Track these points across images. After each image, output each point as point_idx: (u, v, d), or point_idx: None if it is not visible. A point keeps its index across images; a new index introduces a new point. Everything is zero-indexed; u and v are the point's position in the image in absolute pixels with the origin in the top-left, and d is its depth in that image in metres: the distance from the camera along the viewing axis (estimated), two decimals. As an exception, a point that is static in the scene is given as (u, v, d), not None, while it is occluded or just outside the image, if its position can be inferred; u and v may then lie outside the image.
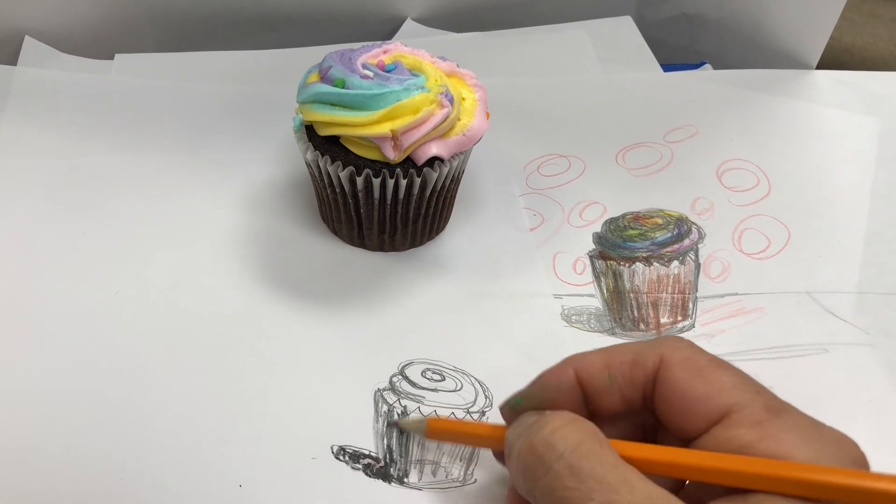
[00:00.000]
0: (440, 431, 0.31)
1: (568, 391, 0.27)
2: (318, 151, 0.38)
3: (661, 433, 0.28)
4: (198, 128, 0.48)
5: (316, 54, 0.43)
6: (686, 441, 0.26)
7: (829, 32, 0.52)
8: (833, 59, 0.54)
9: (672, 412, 0.26)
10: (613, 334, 0.38)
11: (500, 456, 0.29)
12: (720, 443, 0.24)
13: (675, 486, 0.26)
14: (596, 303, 0.40)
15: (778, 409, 0.25)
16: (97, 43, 0.54)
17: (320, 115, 0.36)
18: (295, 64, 0.45)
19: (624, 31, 0.59)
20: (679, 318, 0.39)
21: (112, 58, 0.53)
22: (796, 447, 0.23)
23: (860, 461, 0.24)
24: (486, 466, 0.33)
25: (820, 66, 0.54)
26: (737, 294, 0.40)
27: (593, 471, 0.23)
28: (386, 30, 0.58)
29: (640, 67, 0.55)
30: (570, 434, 0.25)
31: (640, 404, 0.27)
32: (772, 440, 0.24)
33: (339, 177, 0.38)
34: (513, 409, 0.28)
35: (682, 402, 0.26)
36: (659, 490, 0.23)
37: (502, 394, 0.35)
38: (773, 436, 0.24)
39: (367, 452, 0.33)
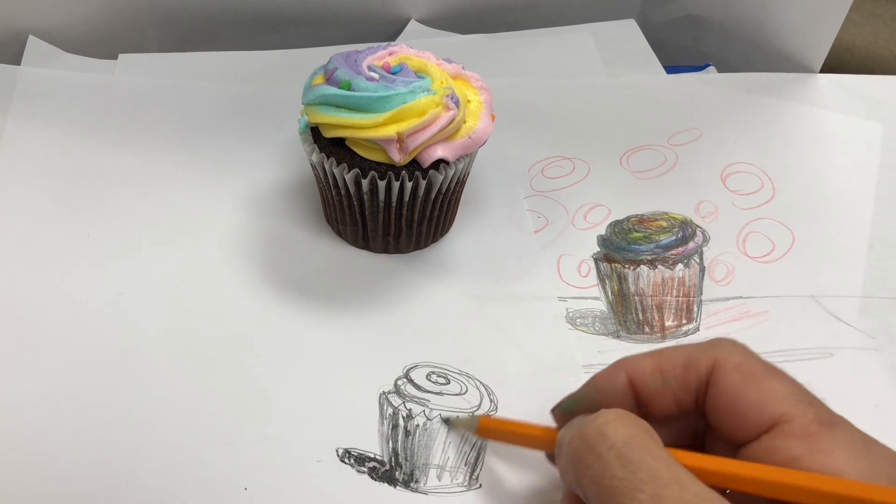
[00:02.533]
0: (491, 431, 0.31)
1: (620, 394, 0.27)
2: (323, 153, 0.38)
3: (710, 438, 0.28)
4: (202, 128, 0.48)
5: (320, 55, 0.43)
6: (735, 447, 0.26)
7: (833, 36, 0.52)
8: (833, 58, 0.54)
9: (723, 417, 0.26)
10: (618, 337, 0.38)
11: (551, 458, 0.29)
12: (769, 452, 0.24)
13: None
14: (600, 305, 0.40)
15: (830, 422, 0.24)
16: (101, 43, 0.53)
17: (326, 117, 0.36)
18: (300, 65, 0.45)
19: (628, 34, 0.59)
20: (684, 321, 0.39)
21: (116, 58, 0.53)
22: (847, 463, 0.23)
23: None
24: (491, 471, 0.33)
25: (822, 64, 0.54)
26: (741, 297, 0.40)
27: (645, 463, 0.23)
28: (390, 31, 0.58)
29: (643, 70, 0.55)
30: (623, 426, 0.24)
31: (692, 408, 0.27)
32: (822, 454, 0.23)
33: (344, 179, 0.38)
34: (564, 412, 0.28)
35: (734, 409, 0.25)
36: (711, 491, 0.22)
37: (507, 397, 0.35)
38: (824, 450, 0.23)
39: (372, 456, 0.33)
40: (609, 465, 0.23)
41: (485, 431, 0.32)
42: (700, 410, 0.27)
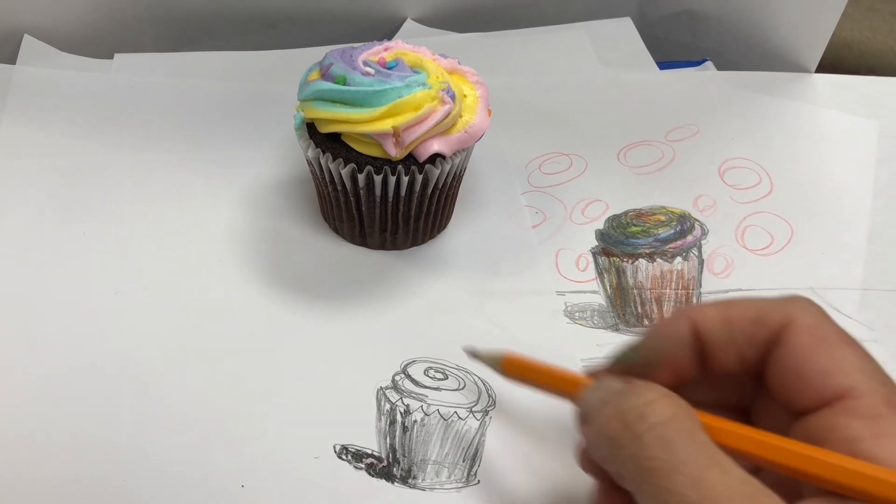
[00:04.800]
0: (516, 367, 0.29)
1: (685, 343, 0.25)
2: (319, 149, 0.37)
3: (761, 405, 0.26)
4: (198, 127, 0.48)
5: (316, 54, 0.42)
6: (790, 417, 0.24)
7: (830, 31, 0.52)
8: (832, 54, 0.53)
9: (785, 381, 0.24)
10: (617, 330, 0.38)
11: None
12: (828, 429, 0.22)
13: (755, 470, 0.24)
14: (599, 299, 0.39)
15: None
16: (96, 42, 0.53)
17: (321, 112, 0.36)
18: (295, 64, 0.45)
19: (623, 32, 0.58)
20: (683, 315, 0.39)
21: (111, 57, 0.52)
22: None
23: None
24: (490, 467, 0.32)
25: (819, 61, 0.54)
26: (741, 290, 0.40)
27: (686, 445, 0.22)
28: (386, 30, 0.58)
29: (638, 69, 0.55)
30: (664, 407, 0.23)
31: (756, 368, 0.25)
32: (887, 439, 0.21)
33: (340, 174, 0.37)
34: (624, 364, 0.26)
35: (799, 373, 0.23)
36: (752, 477, 0.21)
37: (505, 392, 0.35)
38: (890, 434, 0.21)
39: (369, 452, 0.33)
40: (648, 446, 0.22)
41: (509, 367, 0.29)
42: (760, 371, 0.25)
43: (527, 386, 0.30)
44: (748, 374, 0.25)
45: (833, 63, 0.54)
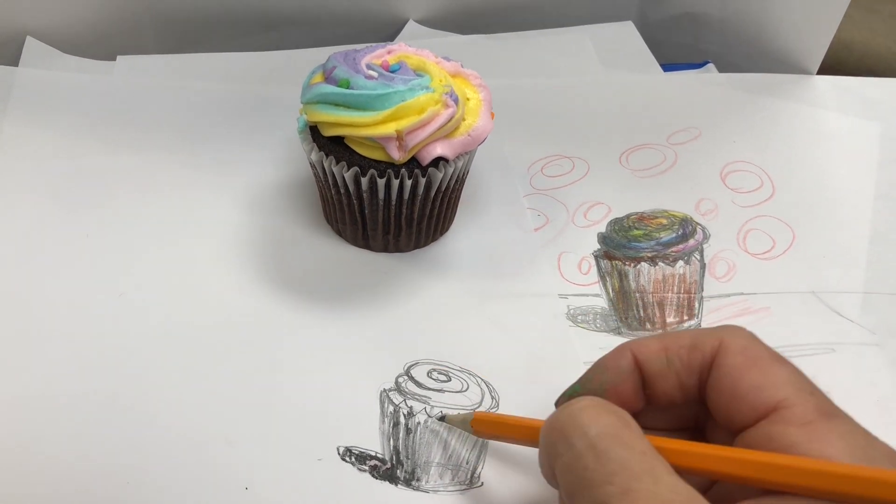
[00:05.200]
0: (486, 425, 0.31)
1: (627, 374, 0.27)
2: (322, 152, 0.37)
3: (710, 428, 0.27)
4: (201, 128, 0.48)
5: (319, 56, 0.42)
6: (733, 434, 0.25)
7: (832, 34, 0.52)
8: (831, 55, 0.53)
9: (723, 400, 0.25)
10: (619, 334, 0.38)
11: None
12: (766, 439, 0.24)
13: (705, 487, 0.26)
14: (601, 302, 0.39)
15: (830, 412, 0.24)
16: (99, 44, 0.53)
17: (325, 115, 0.36)
18: (298, 65, 0.45)
19: (625, 35, 0.59)
20: (685, 317, 0.39)
21: (114, 59, 0.53)
22: (844, 453, 0.22)
23: None
24: (494, 469, 0.33)
25: (820, 63, 0.54)
26: (742, 294, 0.40)
27: (617, 454, 0.22)
28: (388, 31, 0.58)
29: (640, 72, 0.55)
30: (598, 414, 0.24)
31: (695, 392, 0.27)
32: (820, 443, 0.23)
33: (343, 177, 0.37)
34: (571, 397, 0.28)
35: (735, 391, 0.25)
36: (686, 485, 0.22)
37: (508, 394, 0.35)
38: (822, 438, 0.23)
39: (373, 454, 0.33)
40: (580, 455, 0.23)
41: (480, 426, 0.31)
42: (702, 396, 0.27)
43: (500, 440, 0.31)
44: (690, 399, 0.27)
45: (833, 65, 0.54)
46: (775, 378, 0.24)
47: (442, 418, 0.34)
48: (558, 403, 0.28)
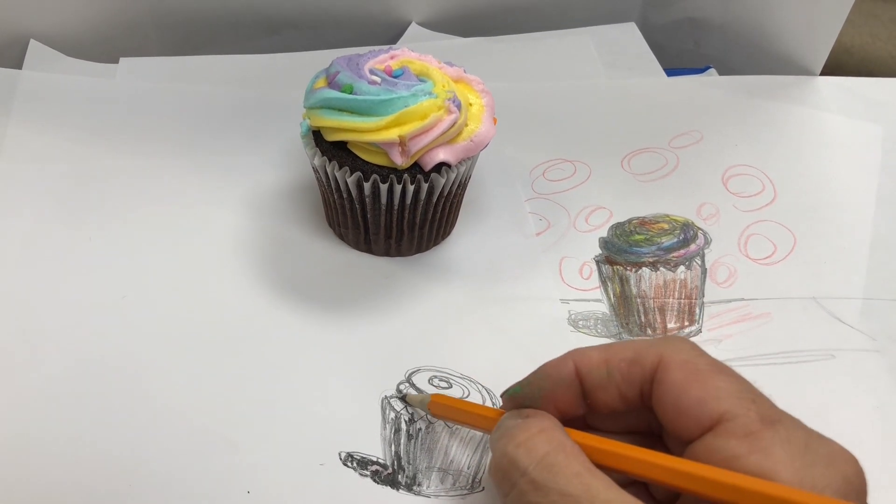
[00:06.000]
0: (442, 408, 0.31)
1: (566, 383, 0.28)
2: (325, 157, 0.38)
3: (665, 434, 0.28)
4: (204, 132, 0.48)
5: (322, 58, 0.43)
6: (683, 445, 0.26)
7: (833, 39, 0.52)
8: (832, 59, 0.54)
9: (667, 415, 0.26)
10: (620, 339, 0.38)
11: None
12: (710, 452, 0.24)
13: (671, 499, 0.26)
14: (603, 308, 0.40)
15: (772, 419, 0.24)
16: (102, 47, 0.54)
17: (328, 120, 0.36)
18: (301, 68, 0.45)
19: (628, 37, 0.59)
20: (686, 322, 0.39)
21: (117, 61, 0.53)
22: (782, 462, 0.23)
23: (853, 479, 0.23)
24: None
25: (823, 65, 0.54)
26: (743, 299, 0.40)
27: (556, 483, 0.24)
28: (390, 34, 0.58)
29: (643, 73, 0.55)
30: (534, 447, 0.25)
31: (639, 403, 0.27)
32: (760, 453, 0.23)
33: (346, 182, 0.38)
34: (511, 397, 0.29)
35: (677, 405, 0.25)
36: (622, 496, 0.23)
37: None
38: (762, 449, 0.23)
39: (374, 459, 0.33)
40: (524, 493, 0.24)
41: (437, 408, 0.32)
42: (648, 406, 0.27)
43: (453, 423, 0.33)
44: (633, 409, 0.28)
45: (834, 69, 0.54)
46: (716, 391, 0.25)
47: (403, 398, 0.35)
48: (502, 397, 0.29)
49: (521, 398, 0.28)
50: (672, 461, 0.24)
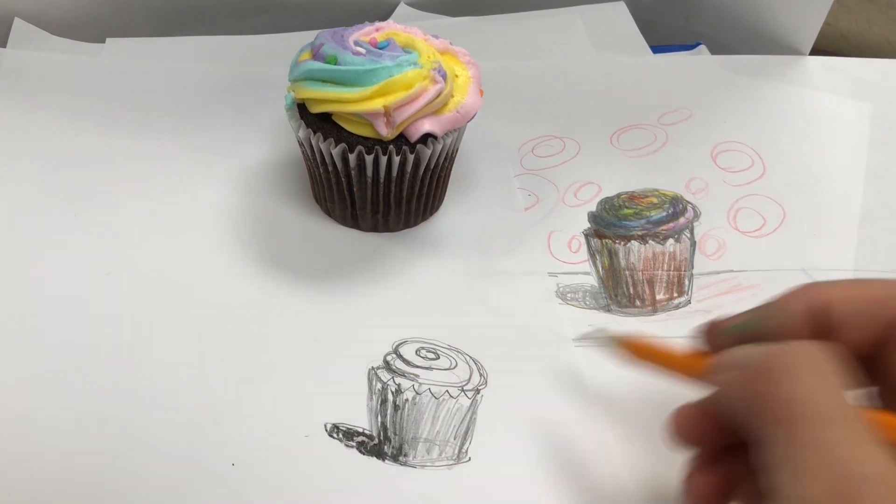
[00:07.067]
0: (634, 349, 0.28)
1: (800, 323, 0.24)
2: (310, 129, 0.37)
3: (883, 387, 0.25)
4: (189, 110, 0.48)
5: (309, 38, 0.42)
6: None
7: (823, 17, 0.52)
8: (828, 45, 0.53)
9: None
10: (609, 311, 0.38)
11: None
12: None
13: None
14: (591, 280, 0.39)
15: None
16: (88, 26, 0.53)
17: (312, 91, 0.36)
18: (288, 48, 0.44)
19: (617, 16, 0.58)
20: (675, 294, 0.39)
21: (103, 41, 0.52)
22: None
23: None
24: (481, 445, 0.32)
25: (815, 52, 0.54)
26: (732, 271, 0.40)
27: (829, 410, 0.20)
28: (379, 14, 0.57)
29: (631, 53, 0.55)
30: (809, 363, 0.21)
31: (872, 352, 0.23)
32: None
33: (331, 154, 0.37)
34: (732, 334, 0.25)
35: None
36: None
37: (497, 371, 0.35)
38: None
39: (360, 430, 0.33)
40: (788, 402, 0.20)
41: (627, 348, 0.29)
42: (879, 356, 0.23)
43: (646, 368, 0.28)
44: (866, 355, 0.24)
45: (829, 55, 0.54)
46: None
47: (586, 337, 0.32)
48: (711, 332, 0.26)
49: (745, 337, 0.24)
50: None
